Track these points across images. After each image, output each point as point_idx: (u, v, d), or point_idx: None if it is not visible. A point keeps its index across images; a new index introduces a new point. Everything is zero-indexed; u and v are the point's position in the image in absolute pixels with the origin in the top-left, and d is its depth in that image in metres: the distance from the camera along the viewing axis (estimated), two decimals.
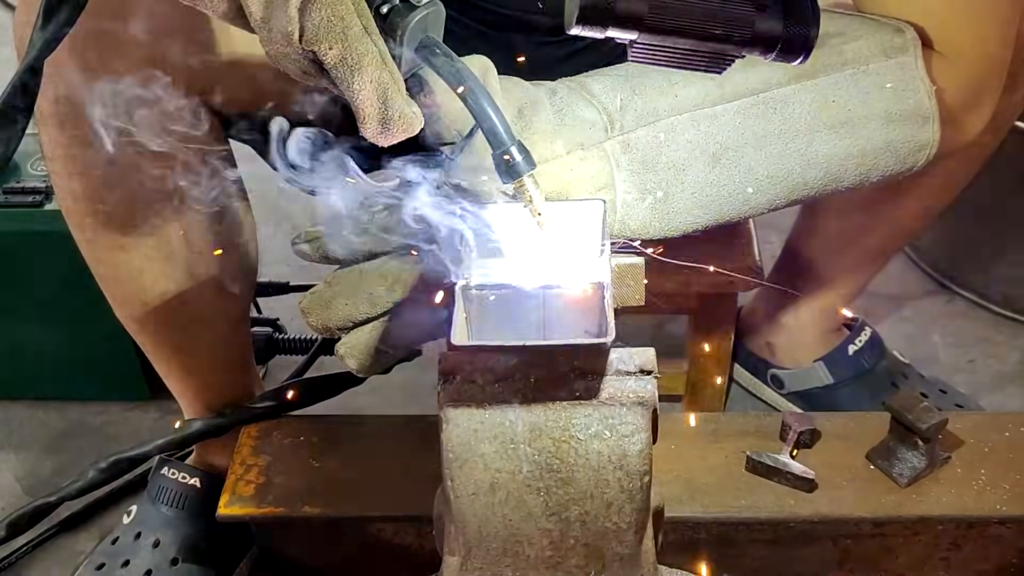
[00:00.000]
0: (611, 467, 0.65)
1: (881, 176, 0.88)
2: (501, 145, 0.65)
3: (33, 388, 1.51)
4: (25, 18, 0.90)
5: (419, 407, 1.40)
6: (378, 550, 1.09)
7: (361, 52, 0.61)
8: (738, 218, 0.85)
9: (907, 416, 1.03)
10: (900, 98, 0.85)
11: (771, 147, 0.82)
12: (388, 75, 0.62)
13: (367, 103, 0.62)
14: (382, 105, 0.63)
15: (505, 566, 0.69)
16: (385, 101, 0.63)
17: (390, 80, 0.62)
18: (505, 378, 0.65)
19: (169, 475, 1.20)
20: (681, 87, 0.81)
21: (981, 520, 1.04)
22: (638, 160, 0.79)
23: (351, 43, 0.61)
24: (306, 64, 0.63)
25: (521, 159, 0.66)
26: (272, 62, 0.64)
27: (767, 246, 1.53)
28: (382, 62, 0.62)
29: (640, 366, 0.67)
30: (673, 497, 1.02)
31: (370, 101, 0.62)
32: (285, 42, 0.61)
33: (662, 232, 0.81)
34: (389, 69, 0.62)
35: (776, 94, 0.83)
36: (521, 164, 0.66)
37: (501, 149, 0.65)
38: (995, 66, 0.93)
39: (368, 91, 0.62)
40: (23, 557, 1.30)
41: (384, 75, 0.62)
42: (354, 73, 0.61)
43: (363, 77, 0.62)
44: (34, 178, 1.37)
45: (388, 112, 0.63)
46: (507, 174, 0.66)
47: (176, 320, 1.10)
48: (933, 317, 1.67)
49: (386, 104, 0.63)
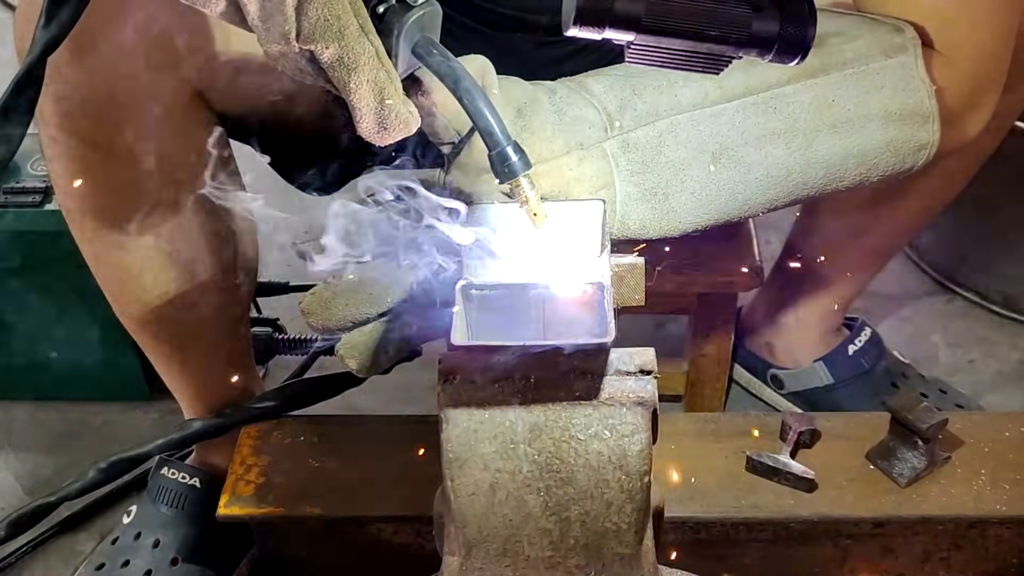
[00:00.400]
0: (611, 467, 0.65)
1: (882, 176, 0.88)
2: (497, 145, 0.65)
3: (33, 388, 1.51)
4: (26, 17, 0.90)
5: (419, 407, 1.40)
6: (378, 550, 1.09)
7: (358, 51, 0.61)
8: (738, 218, 0.85)
9: (907, 416, 1.03)
10: (900, 98, 0.85)
11: (771, 147, 0.82)
12: (385, 74, 0.62)
13: (364, 102, 0.62)
14: (379, 104, 0.63)
15: (505, 566, 0.69)
16: (382, 100, 0.63)
17: (387, 79, 0.62)
18: (505, 378, 0.65)
19: (169, 475, 1.20)
20: (681, 87, 0.81)
21: (981, 520, 1.04)
22: (638, 160, 0.79)
23: (348, 42, 0.61)
24: (303, 63, 0.63)
25: (517, 159, 0.65)
26: (270, 61, 0.64)
27: (767, 246, 1.54)
28: (379, 61, 0.62)
29: (640, 366, 0.67)
30: (673, 497, 1.02)
31: (367, 100, 0.62)
32: (282, 41, 0.61)
33: (662, 232, 0.81)
34: (386, 68, 0.63)
35: (776, 94, 0.83)
36: (516, 164, 0.66)
37: (497, 149, 0.65)
38: (995, 66, 0.93)
39: (365, 90, 0.62)
40: (23, 557, 1.30)
41: (381, 74, 0.62)
42: (351, 72, 0.61)
43: (360, 76, 0.62)
44: (34, 178, 1.37)
45: (385, 111, 0.63)
46: (503, 174, 0.66)
47: (176, 320, 1.10)
48: (933, 317, 1.67)
49: (383, 103, 0.63)
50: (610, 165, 0.79)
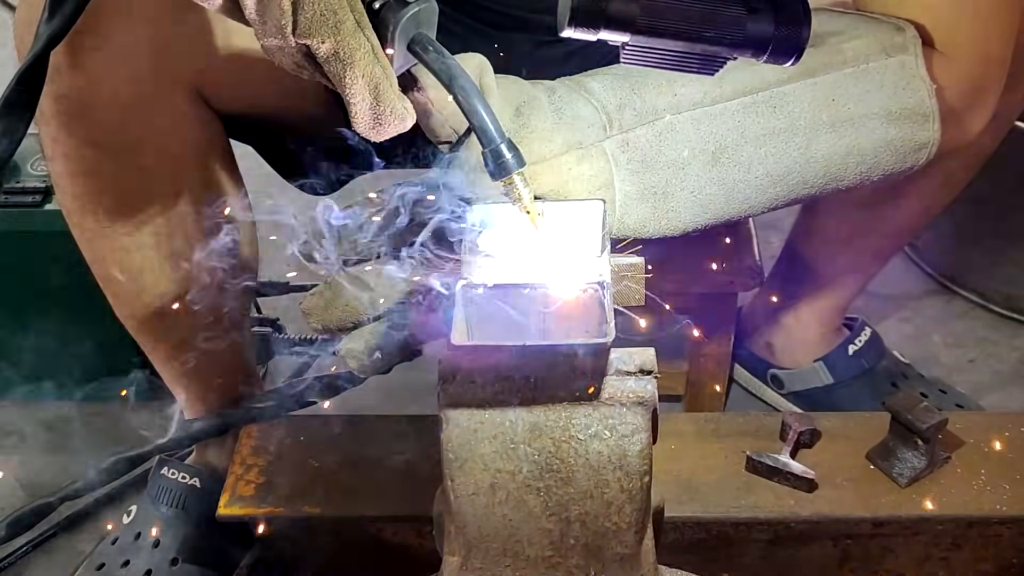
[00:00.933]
0: (611, 467, 0.65)
1: (882, 175, 0.88)
2: (491, 142, 0.65)
3: (33, 388, 1.51)
4: (26, 16, 0.90)
5: (419, 407, 1.40)
6: (378, 550, 1.09)
7: (353, 46, 0.61)
8: (738, 217, 0.85)
9: (907, 416, 1.03)
10: (900, 97, 0.85)
11: (771, 146, 0.82)
12: (380, 70, 0.63)
13: (359, 97, 0.63)
14: (374, 100, 0.63)
15: (505, 566, 0.69)
16: (377, 96, 0.63)
17: (382, 75, 0.63)
18: (505, 378, 0.65)
19: (169, 475, 1.20)
20: (680, 85, 0.81)
21: (981, 520, 1.04)
22: (637, 159, 0.79)
23: (343, 37, 0.61)
24: (299, 58, 0.63)
25: (510, 156, 0.66)
26: (267, 56, 0.64)
27: (767, 246, 1.54)
28: (374, 57, 0.62)
29: (640, 366, 0.67)
30: (673, 497, 1.02)
31: (362, 95, 0.62)
32: (279, 35, 0.61)
33: (661, 231, 0.81)
34: (382, 64, 0.63)
35: (776, 93, 0.83)
36: (510, 162, 0.66)
37: (491, 146, 0.65)
38: (995, 65, 0.93)
39: (360, 85, 0.62)
40: (23, 557, 1.30)
41: (376, 70, 0.62)
42: (346, 67, 0.62)
43: (355, 71, 0.62)
44: (34, 178, 1.37)
45: (380, 107, 0.63)
46: (496, 171, 0.66)
47: (176, 320, 1.10)
48: (933, 317, 1.67)
49: (378, 99, 0.63)
50: (609, 164, 0.79)
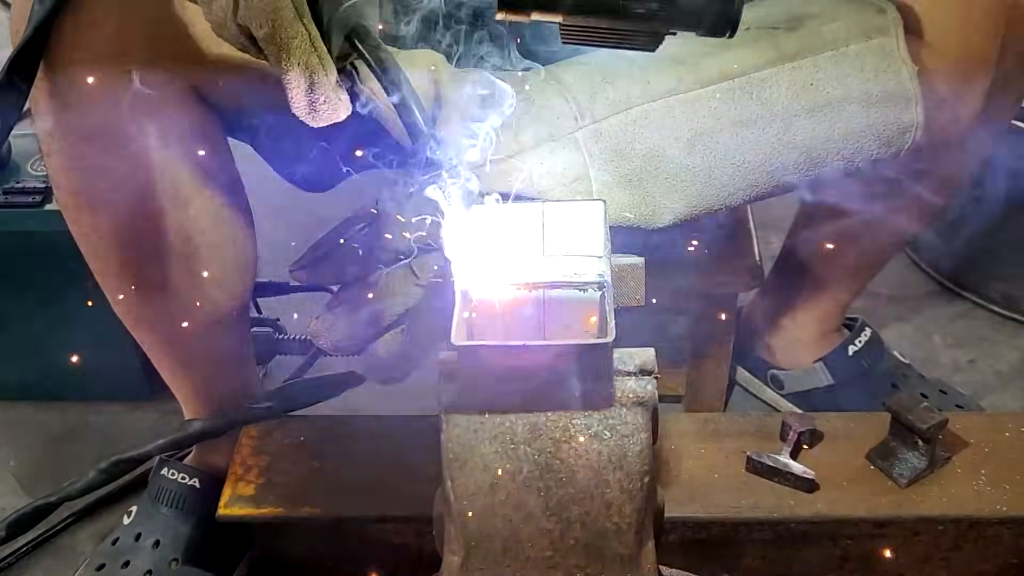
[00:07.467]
0: (611, 467, 0.65)
1: (867, 160, 0.87)
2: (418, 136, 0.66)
3: (33, 388, 1.51)
4: (21, 11, 0.90)
5: (419, 407, 1.40)
6: (378, 550, 1.09)
7: (290, 34, 0.62)
8: (720, 206, 0.84)
9: (907, 416, 1.03)
10: (881, 79, 0.84)
11: (748, 132, 0.82)
12: (316, 59, 0.63)
13: (295, 83, 0.64)
14: (309, 88, 0.64)
15: (505, 566, 0.68)
16: (312, 83, 0.64)
17: (318, 64, 0.63)
18: (505, 378, 0.65)
19: (169, 475, 1.20)
20: (654, 73, 0.81)
21: (981, 520, 1.04)
22: (611, 148, 0.79)
23: (281, 24, 0.62)
24: (243, 40, 0.64)
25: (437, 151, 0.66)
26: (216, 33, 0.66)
27: (767, 246, 1.53)
28: (311, 46, 0.63)
29: (640, 366, 0.67)
30: (673, 497, 1.02)
31: (297, 81, 0.63)
32: (222, 16, 0.63)
33: (644, 220, 0.81)
34: (319, 53, 0.63)
35: (753, 79, 0.82)
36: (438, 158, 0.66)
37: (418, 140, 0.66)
38: (982, 44, 0.91)
39: (296, 72, 0.63)
40: (23, 557, 1.30)
41: (312, 59, 0.63)
42: (282, 53, 0.63)
43: (292, 58, 0.63)
44: (34, 178, 1.37)
45: (315, 95, 0.64)
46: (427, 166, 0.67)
47: (176, 319, 1.10)
48: (933, 317, 1.66)
49: (312, 86, 0.64)
50: (583, 155, 0.79)
